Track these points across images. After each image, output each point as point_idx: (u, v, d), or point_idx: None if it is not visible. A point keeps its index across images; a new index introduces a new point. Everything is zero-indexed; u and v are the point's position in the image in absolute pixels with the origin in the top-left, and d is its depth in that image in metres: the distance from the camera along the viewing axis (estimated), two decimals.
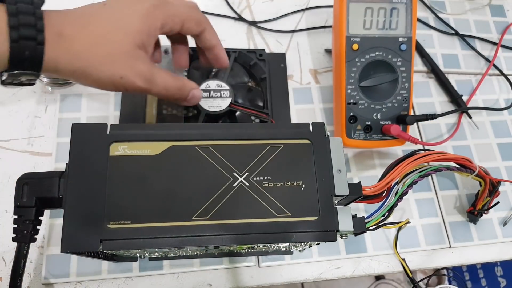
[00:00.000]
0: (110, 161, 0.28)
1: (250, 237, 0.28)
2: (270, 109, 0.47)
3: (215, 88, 0.45)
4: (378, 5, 0.44)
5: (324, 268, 0.44)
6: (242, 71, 0.49)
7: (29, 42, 0.27)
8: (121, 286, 0.41)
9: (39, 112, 0.47)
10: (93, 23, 0.30)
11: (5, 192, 0.43)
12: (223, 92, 0.44)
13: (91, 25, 0.30)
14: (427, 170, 0.37)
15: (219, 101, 0.44)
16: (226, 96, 0.44)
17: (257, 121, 0.47)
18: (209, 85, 0.45)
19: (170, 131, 0.30)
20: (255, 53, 0.49)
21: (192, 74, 0.48)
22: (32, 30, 0.27)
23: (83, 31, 0.30)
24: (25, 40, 0.27)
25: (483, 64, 0.57)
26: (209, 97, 0.44)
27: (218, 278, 0.42)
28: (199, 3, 0.55)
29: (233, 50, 0.49)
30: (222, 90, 0.45)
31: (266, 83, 0.48)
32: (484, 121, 0.54)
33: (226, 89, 0.45)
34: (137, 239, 0.27)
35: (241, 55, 0.49)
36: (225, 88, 0.45)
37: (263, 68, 0.49)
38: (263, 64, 0.49)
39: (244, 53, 0.49)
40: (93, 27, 0.30)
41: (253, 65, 0.49)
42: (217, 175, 0.29)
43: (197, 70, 0.48)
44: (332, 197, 0.30)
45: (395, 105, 0.46)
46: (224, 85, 0.45)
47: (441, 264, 0.46)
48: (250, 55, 0.49)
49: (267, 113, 0.46)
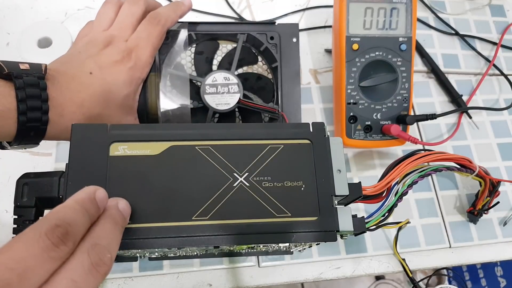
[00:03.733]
0: (110, 161, 0.28)
1: (250, 237, 0.28)
2: (280, 100, 0.43)
3: (223, 82, 0.42)
4: (378, 5, 0.44)
5: (324, 268, 0.44)
6: (252, 56, 0.45)
7: (35, 124, 0.30)
8: (121, 286, 0.41)
9: None
10: (87, 101, 0.34)
11: (5, 192, 0.43)
12: (231, 87, 0.42)
13: (85, 103, 0.34)
14: (427, 170, 0.37)
15: (227, 98, 0.42)
16: (234, 91, 0.42)
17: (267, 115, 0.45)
18: (215, 79, 0.42)
19: (170, 131, 0.30)
20: (266, 35, 0.44)
21: (196, 60, 0.44)
22: (38, 113, 0.30)
23: (80, 110, 0.33)
24: (31, 122, 0.30)
25: (483, 64, 0.57)
26: (216, 92, 0.42)
27: (218, 278, 0.42)
28: (199, 3, 0.56)
29: (241, 32, 0.43)
30: (230, 84, 0.42)
31: (277, 73, 0.44)
32: (484, 121, 0.54)
33: (234, 83, 0.42)
34: (137, 239, 0.27)
35: (249, 38, 0.44)
36: (233, 81, 0.42)
37: (274, 56, 0.44)
38: (274, 51, 0.44)
39: (253, 36, 0.44)
40: (88, 105, 0.34)
41: (264, 51, 0.45)
42: (217, 175, 0.29)
43: (200, 54, 0.45)
44: (332, 197, 0.30)
45: (395, 105, 0.46)
46: (231, 77, 0.42)
47: (441, 264, 0.46)
48: (260, 37, 0.44)
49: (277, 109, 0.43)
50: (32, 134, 0.31)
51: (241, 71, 0.45)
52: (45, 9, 0.53)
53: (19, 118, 0.29)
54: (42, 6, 0.53)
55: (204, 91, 0.42)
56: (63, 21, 0.53)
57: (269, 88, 0.45)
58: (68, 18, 0.53)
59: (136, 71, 0.37)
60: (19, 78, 0.30)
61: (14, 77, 0.30)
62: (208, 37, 0.45)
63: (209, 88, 0.42)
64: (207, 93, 0.42)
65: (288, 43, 0.45)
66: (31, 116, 0.30)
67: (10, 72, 0.29)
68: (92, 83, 0.35)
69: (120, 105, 0.36)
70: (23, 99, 0.29)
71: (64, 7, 0.54)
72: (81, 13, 0.54)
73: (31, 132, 0.30)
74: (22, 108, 0.29)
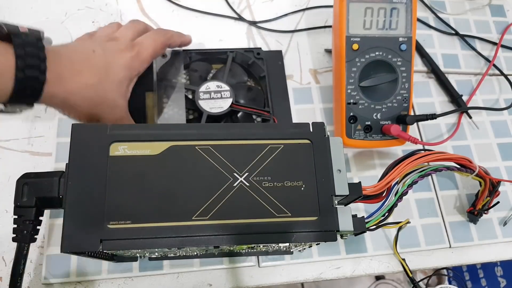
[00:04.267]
0: (110, 161, 0.28)
1: (250, 237, 0.28)
2: (271, 107, 0.47)
3: (215, 89, 0.45)
4: (378, 5, 0.44)
5: (324, 268, 0.44)
6: (241, 71, 0.49)
7: (32, 82, 0.31)
8: (121, 286, 0.41)
9: (39, 112, 0.47)
10: (86, 70, 0.35)
11: (5, 192, 0.43)
12: (223, 93, 0.44)
13: (84, 72, 0.35)
14: (427, 170, 0.37)
15: (220, 102, 0.44)
16: (226, 96, 0.44)
17: (259, 120, 0.47)
18: (209, 87, 0.45)
19: (170, 131, 0.30)
20: (253, 52, 0.50)
21: (191, 76, 0.48)
22: (36, 71, 0.31)
23: (78, 76, 0.34)
24: (29, 80, 0.30)
25: (483, 64, 0.57)
26: (209, 98, 0.44)
27: (218, 278, 0.42)
28: (199, 3, 0.56)
29: (230, 50, 0.49)
30: (223, 90, 0.45)
31: (265, 82, 0.48)
32: (484, 121, 0.54)
33: (226, 90, 0.45)
34: (137, 239, 0.27)
35: (238, 55, 0.49)
36: (225, 88, 0.45)
37: (261, 67, 0.49)
38: (261, 63, 0.49)
39: (242, 53, 0.49)
40: (87, 74, 0.35)
41: (251, 64, 0.49)
42: (217, 175, 0.29)
43: (195, 72, 0.48)
44: (332, 197, 0.30)
45: (395, 105, 0.46)
46: (224, 85, 0.45)
47: (441, 264, 0.46)
48: (247, 54, 0.49)
49: (268, 112, 0.46)
50: (28, 93, 0.31)
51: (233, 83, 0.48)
52: (45, 9, 0.53)
53: (16, 74, 0.30)
54: (42, 6, 0.53)
55: (198, 97, 0.45)
56: (63, 21, 0.53)
57: (259, 99, 0.48)
58: (68, 18, 0.53)
59: (136, 61, 0.39)
60: (18, 38, 0.30)
61: (14, 36, 0.30)
62: (201, 56, 0.50)
63: (203, 94, 0.45)
64: (201, 99, 0.45)
65: (274, 63, 0.52)
66: (29, 74, 0.30)
67: (10, 32, 0.30)
68: (93, 58, 0.36)
69: (116, 85, 0.37)
70: (21, 56, 0.30)
71: (64, 7, 0.54)
72: (81, 13, 0.54)
73: (27, 90, 0.31)
74: (20, 65, 0.30)
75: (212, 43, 0.53)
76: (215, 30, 0.55)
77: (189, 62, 0.49)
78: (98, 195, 0.28)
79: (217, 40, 0.54)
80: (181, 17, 0.55)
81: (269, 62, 0.51)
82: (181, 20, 0.55)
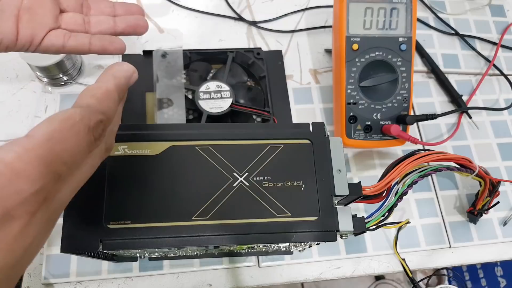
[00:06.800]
0: (110, 161, 0.28)
1: (250, 237, 0.28)
2: (271, 107, 0.47)
3: (215, 89, 0.45)
4: (378, 5, 0.44)
5: (324, 268, 0.44)
6: (241, 71, 0.49)
7: None
8: (121, 286, 0.41)
9: (39, 112, 0.47)
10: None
11: None
12: (223, 93, 0.44)
13: None
14: (427, 170, 0.37)
15: (220, 102, 0.44)
16: (226, 96, 0.44)
17: (259, 120, 0.47)
18: (209, 87, 0.45)
19: (170, 131, 0.30)
20: (253, 52, 0.50)
21: (191, 76, 0.48)
22: None
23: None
24: None
25: (483, 64, 0.57)
26: (209, 98, 0.44)
27: (218, 278, 0.42)
28: (199, 3, 0.56)
29: (230, 50, 0.49)
30: (222, 90, 0.45)
31: (265, 81, 0.48)
32: (484, 121, 0.54)
33: (226, 90, 0.45)
34: (137, 239, 0.27)
35: (238, 55, 0.49)
36: (225, 88, 0.45)
37: (261, 67, 0.49)
38: (261, 63, 0.49)
39: (242, 53, 0.49)
40: None
41: (251, 64, 0.49)
42: (217, 175, 0.29)
43: (195, 72, 0.48)
44: (332, 197, 0.30)
45: (395, 105, 0.46)
46: (224, 85, 0.45)
47: (441, 264, 0.46)
48: (247, 54, 0.49)
49: (268, 112, 0.46)
50: None
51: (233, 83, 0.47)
52: None
53: None
54: None
55: (198, 97, 0.44)
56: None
57: (259, 99, 0.48)
58: None
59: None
60: None
61: None
62: (201, 56, 0.49)
63: (203, 94, 0.45)
64: (201, 99, 0.44)
65: (274, 63, 0.52)
66: None
67: None
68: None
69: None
70: None
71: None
72: None
73: None
74: None
75: (212, 43, 0.54)
76: (215, 30, 0.55)
77: (189, 62, 0.49)
78: (98, 195, 0.27)
79: (217, 40, 0.54)
80: (181, 17, 0.55)
81: (269, 62, 0.51)
82: (181, 20, 0.55)
